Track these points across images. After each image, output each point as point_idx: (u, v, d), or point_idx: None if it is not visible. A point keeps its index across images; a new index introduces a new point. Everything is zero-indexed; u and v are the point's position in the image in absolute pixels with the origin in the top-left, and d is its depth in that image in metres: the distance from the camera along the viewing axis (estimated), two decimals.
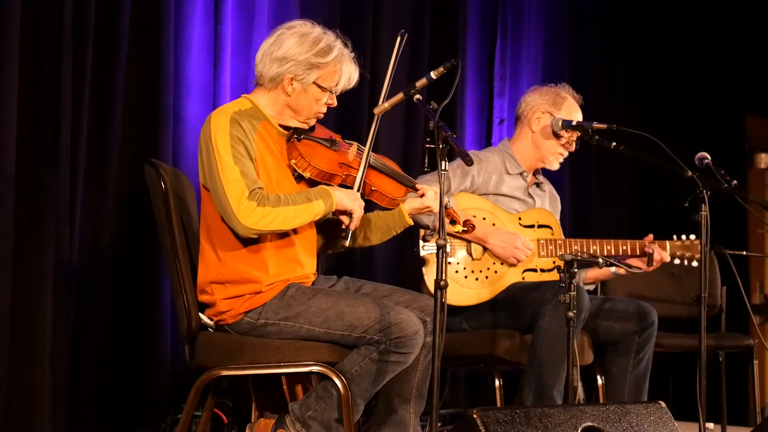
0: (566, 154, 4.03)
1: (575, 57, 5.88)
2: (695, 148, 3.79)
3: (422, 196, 3.21)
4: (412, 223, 3.28)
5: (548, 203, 4.09)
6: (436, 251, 2.79)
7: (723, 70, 6.47)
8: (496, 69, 5.49)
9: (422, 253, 3.71)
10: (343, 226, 3.11)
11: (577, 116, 3.97)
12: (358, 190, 3.12)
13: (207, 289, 3.11)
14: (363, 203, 3.12)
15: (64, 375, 3.79)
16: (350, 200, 3.09)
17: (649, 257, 3.80)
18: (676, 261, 3.92)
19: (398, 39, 3.15)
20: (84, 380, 3.89)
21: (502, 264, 3.82)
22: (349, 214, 3.09)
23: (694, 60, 6.43)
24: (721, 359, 4.73)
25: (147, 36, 4.07)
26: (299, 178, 3.17)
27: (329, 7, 4.69)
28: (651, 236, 3.89)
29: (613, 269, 3.92)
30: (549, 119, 3.95)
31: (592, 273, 4.02)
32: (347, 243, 3.14)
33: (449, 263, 3.75)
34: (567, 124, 3.90)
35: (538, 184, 4.08)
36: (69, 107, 3.76)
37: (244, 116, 3.07)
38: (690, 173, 3.50)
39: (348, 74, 3.15)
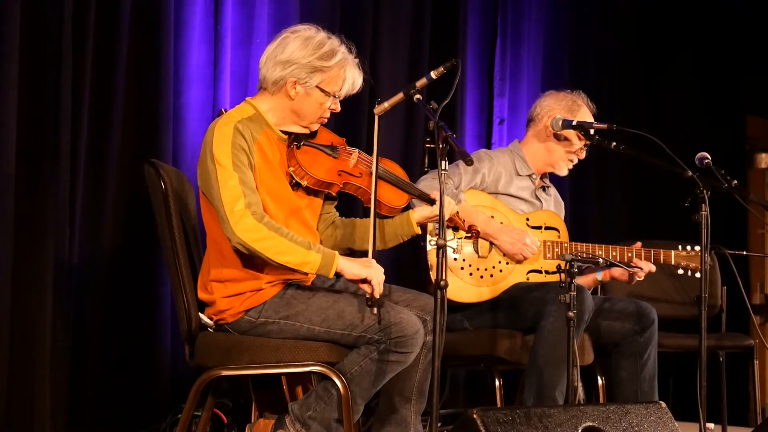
0: (575, 161, 4.02)
1: (575, 57, 5.88)
2: (695, 148, 3.79)
3: (434, 202, 3.19)
4: (420, 232, 3.26)
5: (553, 207, 4.09)
6: (437, 249, 2.79)
7: (723, 70, 6.47)
8: (496, 69, 5.49)
9: (429, 247, 3.70)
10: (367, 295, 2.97)
11: None
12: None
13: (207, 288, 3.11)
14: (380, 268, 2.99)
15: (64, 375, 3.79)
16: (362, 268, 2.97)
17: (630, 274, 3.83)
18: (680, 271, 3.93)
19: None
20: (84, 380, 3.89)
21: (507, 263, 3.81)
22: (368, 282, 2.97)
23: (694, 60, 6.42)
24: (721, 359, 4.73)
25: (147, 36, 4.06)
26: (297, 185, 3.15)
27: (329, 4, 4.68)
28: (639, 244, 3.89)
29: (599, 276, 3.93)
30: None
31: (581, 279, 4.00)
32: (374, 311, 2.96)
33: (455, 259, 3.76)
34: (567, 124, 3.89)
35: (544, 188, 4.08)
36: (69, 107, 3.76)
37: (246, 125, 3.05)
38: (690, 173, 3.49)
39: (352, 79, 3.13)
